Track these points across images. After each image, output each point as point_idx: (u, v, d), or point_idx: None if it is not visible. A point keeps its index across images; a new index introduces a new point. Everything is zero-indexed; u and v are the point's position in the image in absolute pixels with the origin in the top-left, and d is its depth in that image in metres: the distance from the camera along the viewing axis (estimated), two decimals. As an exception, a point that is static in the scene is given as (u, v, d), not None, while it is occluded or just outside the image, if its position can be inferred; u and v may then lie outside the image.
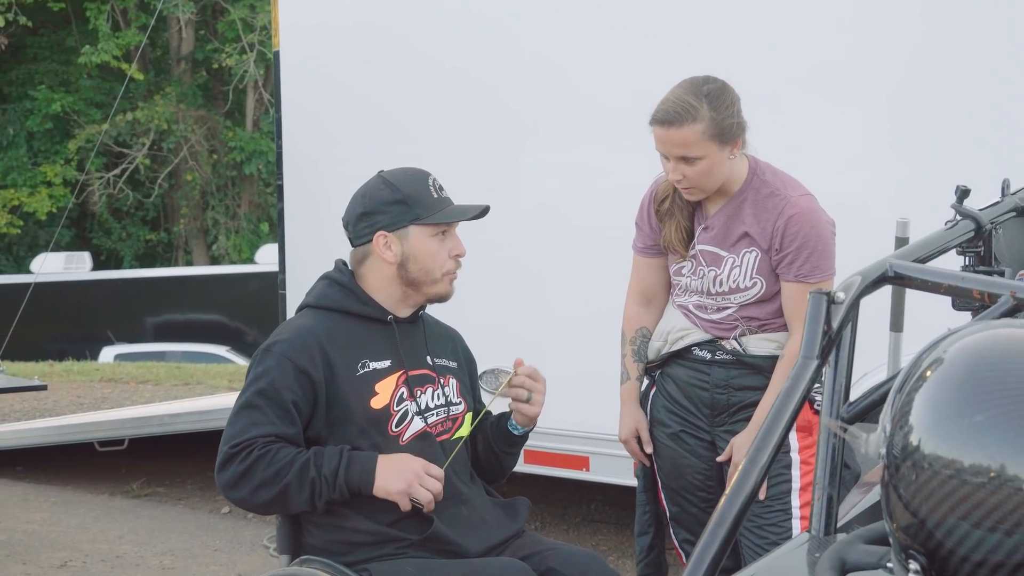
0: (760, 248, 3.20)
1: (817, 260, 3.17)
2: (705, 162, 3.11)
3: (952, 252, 2.19)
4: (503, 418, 3.13)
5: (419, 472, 2.76)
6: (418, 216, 2.95)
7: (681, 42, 4.81)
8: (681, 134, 3.09)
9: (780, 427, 1.70)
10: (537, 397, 3.03)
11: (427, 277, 2.97)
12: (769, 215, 3.19)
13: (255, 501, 2.81)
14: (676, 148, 3.11)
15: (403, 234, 2.96)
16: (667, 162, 3.18)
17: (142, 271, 22.64)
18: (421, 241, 2.96)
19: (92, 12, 23.31)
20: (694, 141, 3.09)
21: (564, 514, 6.45)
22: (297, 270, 6.07)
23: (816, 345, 1.74)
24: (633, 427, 3.45)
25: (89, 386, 10.70)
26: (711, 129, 3.08)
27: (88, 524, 6.39)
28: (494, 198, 5.35)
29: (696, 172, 3.13)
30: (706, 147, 3.09)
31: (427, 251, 2.96)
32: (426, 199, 2.96)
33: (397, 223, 2.96)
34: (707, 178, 3.16)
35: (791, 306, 3.19)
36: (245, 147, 23.94)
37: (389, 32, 5.79)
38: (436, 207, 2.96)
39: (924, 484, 1.42)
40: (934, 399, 1.46)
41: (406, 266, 2.97)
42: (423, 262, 2.96)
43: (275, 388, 2.83)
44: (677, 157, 3.13)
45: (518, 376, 3.01)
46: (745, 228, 3.21)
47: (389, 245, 2.97)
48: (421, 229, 2.95)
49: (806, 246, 3.15)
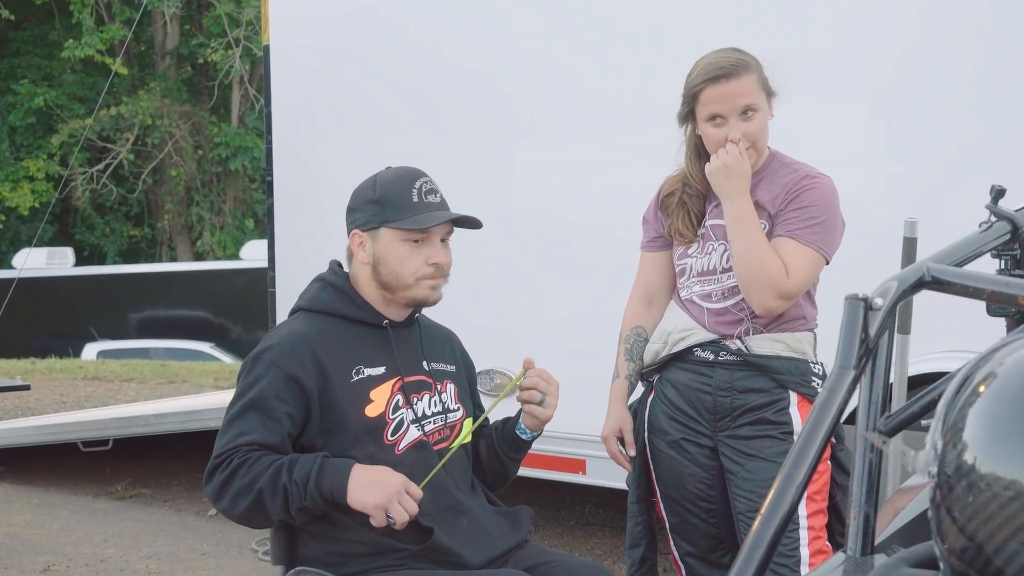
0: (769, 217, 3.12)
1: (819, 229, 3.08)
2: (760, 115, 3.11)
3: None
4: (509, 422, 3.03)
5: (399, 489, 2.65)
6: (388, 219, 2.85)
7: (677, 40, 4.71)
8: (742, 84, 3.08)
9: (816, 442, 1.60)
10: (550, 400, 2.93)
11: (398, 282, 2.87)
12: (784, 184, 3.13)
13: (236, 511, 2.73)
14: (742, 98, 3.08)
15: (375, 235, 2.88)
16: (723, 125, 3.10)
17: (125, 267, 22.60)
18: (391, 245, 2.86)
19: (76, 6, 23.17)
20: (753, 90, 3.09)
21: (557, 517, 6.37)
22: (287, 267, 5.98)
23: (853, 354, 1.64)
24: (616, 426, 3.35)
25: (72, 384, 10.60)
26: (762, 81, 3.12)
27: (72, 526, 6.29)
28: (489, 195, 5.34)
29: (755, 127, 3.10)
30: (760, 98, 3.11)
31: (397, 255, 2.86)
32: (403, 202, 2.85)
33: (370, 223, 2.88)
34: (762, 134, 3.13)
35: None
36: (230, 143, 23.87)
37: (385, 24, 5.69)
38: (412, 211, 2.85)
39: (982, 506, 1.34)
40: (991, 415, 1.37)
41: (378, 268, 2.88)
42: (393, 266, 2.86)
43: (263, 397, 2.75)
44: (740, 111, 3.09)
45: (529, 377, 2.91)
46: (756, 198, 3.12)
47: (363, 245, 2.90)
48: (392, 232, 2.86)
49: (813, 210, 3.08)
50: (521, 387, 2.92)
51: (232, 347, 18.47)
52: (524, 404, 2.94)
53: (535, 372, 2.92)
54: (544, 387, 2.92)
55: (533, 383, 2.91)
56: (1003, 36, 4.21)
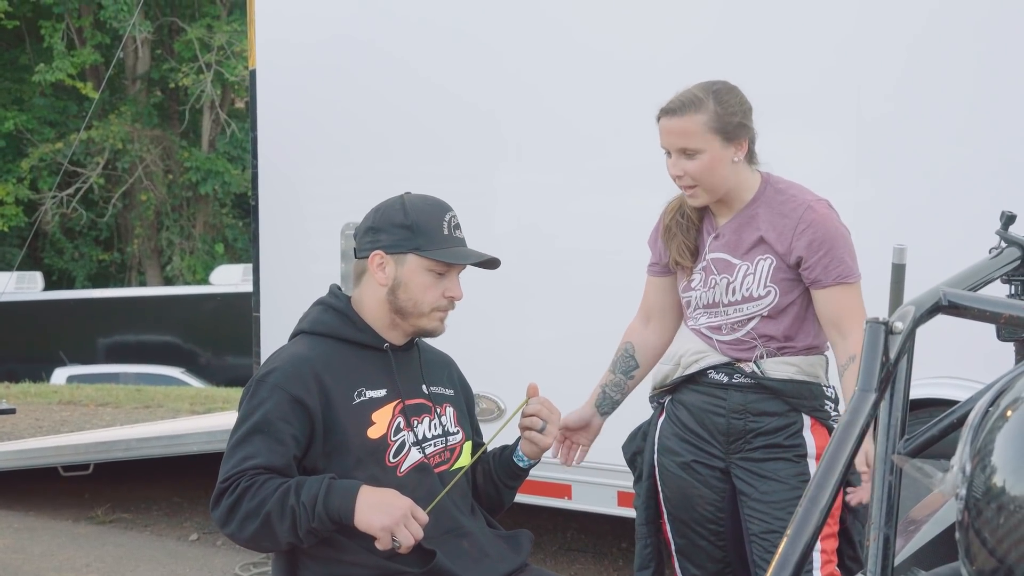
0: (776, 254, 3.12)
1: (849, 260, 3.11)
2: (706, 156, 3.08)
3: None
4: (507, 450, 3.04)
5: (406, 512, 2.66)
6: (419, 247, 2.86)
7: (656, 76, 4.76)
8: (683, 123, 3.08)
9: (841, 463, 1.63)
10: (551, 428, 2.94)
11: (415, 309, 2.88)
12: (788, 220, 3.12)
13: (244, 535, 2.72)
14: (677, 138, 3.09)
15: (400, 260, 2.87)
16: (669, 159, 3.15)
17: (94, 291, 22.43)
18: (416, 272, 2.87)
19: (47, 30, 23.09)
20: (695, 131, 3.07)
21: (540, 543, 6.36)
22: (272, 290, 5.97)
23: (875, 377, 1.67)
24: (573, 418, 3.39)
25: (48, 408, 10.52)
26: (713, 122, 3.07)
27: (53, 551, 6.24)
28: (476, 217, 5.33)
29: (696, 167, 3.09)
30: (707, 140, 3.07)
31: (420, 283, 2.87)
32: (435, 233, 2.87)
33: (397, 247, 2.87)
34: (708, 175, 3.10)
35: (836, 309, 3.10)
36: (201, 167, 23.81)
37: (371, 48, 5.71)
38: (442, 244, 2.87)
39: (1013, 528, 1.37)
40: (1020, 439, 1.40)
41: (396, 292, 2.88)
42: (413, 293, 2.87)
43: (268, 420, 2.74)
44: (678, 150, 3.10)
45: (532, 405, 2.93)
46: (760, 233, 3.14)
47: (383, 266, 2.89)
48: (419, 260, 2.86)
49: (835, 248, 3.09)
50: (524, 414, 2.93)
51: (202, 372, 18.38)
52: (525, 431, 2.96)
53: (538, 400, 2.93)
54: (546, 415, 2.93)
55: (536, 410, 2.93)
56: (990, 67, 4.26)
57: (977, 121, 4.27)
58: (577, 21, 5.16)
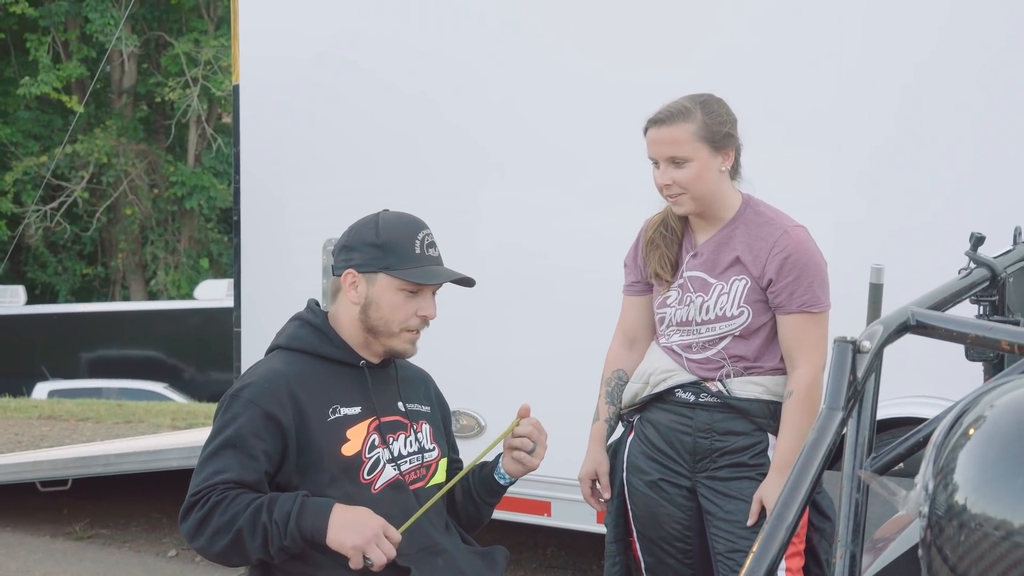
0: (750, 275, 3.15)
1: (818, 290, 3.14)
2: (695, 165, 3.12)
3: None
4: (487, 467, 3.04)
5: (378, 532, 2.65)
6: (389, 266, 2.86)
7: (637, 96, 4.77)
8: (672, 132, 3.12)
9: (806, 483, 1.64)
10: (540, 450, 2.95)
11: (385, 328, 2.88)
12: (764, 243, 3.15)
13: (213, 549, 2.71)
14: (666, 147, 3.13)
15: (371, 278, 2.87)
16: (657, 169, 3.17)
17: (77, 305, 22.40)
18: (386, 291, 2.87)
19: (33, 43, 23.07)
20: (684, 140, 3.11)
21: (519, 560, 6.35)
22: (254, 306, 5.96)
23: (842, 396, 1.68)
24: (592, 469, 3.39)
25: (27, 423, 10.47)
26: (702, 131, 3.12)
27: (30, 567, 6.21)
28: (459, 234, 5.35)
29: (685, 176, 3.12)
30: (696, 149, 3.12)
31: (390, 303, 2.87)
32: (406, 252, 2.87)
33: (368, 266, 2.87)
34: (697, 184, 3.14)
35: (793, 338, 3.13)
36: (186, 182, 23.78)
37: (355, 66, 5.72)
38: (414, 263, 2.86)
39: (973, 546, 1.37)
40: (982, 458, 1.41)
41: (367, 311, 2.88)
42: (384, 312, 2.87)
43: (241, 435, 2.74)
44: (667, 159, 3.13)
45: (524, 425, 2.93)
46: (736, 253, 3.17)
47: (356, 285, 2.89)
48: (389, 279, 2.86)
49: (805, 275, 3.12)
50: (515, 434, 2.94)
51: (185, 387, 18.33)
52: (514, 451, 2.96)
53: (529, 421, 2.94)
54: (536, 436, 2.94)
55: (527, 432, 2.93)
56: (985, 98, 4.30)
57: (962, 142, 4.30)
58: (560, 42, 5.19)
